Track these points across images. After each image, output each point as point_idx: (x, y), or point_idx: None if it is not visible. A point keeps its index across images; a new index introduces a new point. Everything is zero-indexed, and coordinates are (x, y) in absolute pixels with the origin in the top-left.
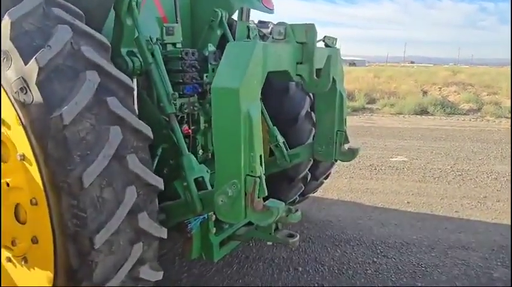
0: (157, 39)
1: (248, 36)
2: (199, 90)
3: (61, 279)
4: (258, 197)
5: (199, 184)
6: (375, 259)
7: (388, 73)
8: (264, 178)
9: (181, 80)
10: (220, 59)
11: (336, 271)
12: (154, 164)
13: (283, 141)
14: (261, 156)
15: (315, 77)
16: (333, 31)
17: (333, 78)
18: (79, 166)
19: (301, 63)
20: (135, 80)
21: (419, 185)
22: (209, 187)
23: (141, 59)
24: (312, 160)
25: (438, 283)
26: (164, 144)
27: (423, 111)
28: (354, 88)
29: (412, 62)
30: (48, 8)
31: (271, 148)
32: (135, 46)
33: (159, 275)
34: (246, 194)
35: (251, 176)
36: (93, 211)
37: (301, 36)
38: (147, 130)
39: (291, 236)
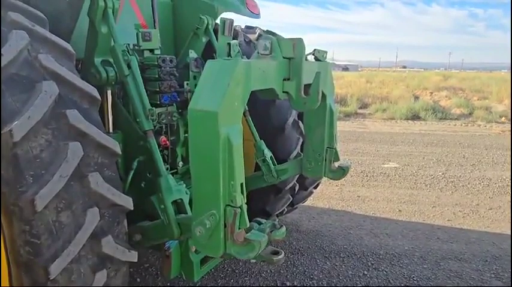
0: (133, 46)
1: (229, 54)
2: (178, 99)
3: None
4: (239, 229)
5: (178, 205)
6: (366, 272)
7: (380, 78)
8: (245, 208)
9: (158, 89)
10: (202, 66)
11: (325, 285)
12: (129, 178)
13: (271, 156)
14: (242, 184)
15: (303, 95)
16: (326, 36)
17: (323, 93)
18: (31, 187)
19: (288, 79)
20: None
21: (411, 192)
22: (189, 210)
23: (116, 69)
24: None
25: None
26: (141, 156)
27: (415, 117)
28: (346, 93)
29: (404, 67)
30: (4, 12)
31: (257, 162)
32: (110, 55)
33: None
34: (225, 225)
35: (231, 206)
36: (48, 237)
37: (288, 51)
38: (114, 145)
39: (276, 253)
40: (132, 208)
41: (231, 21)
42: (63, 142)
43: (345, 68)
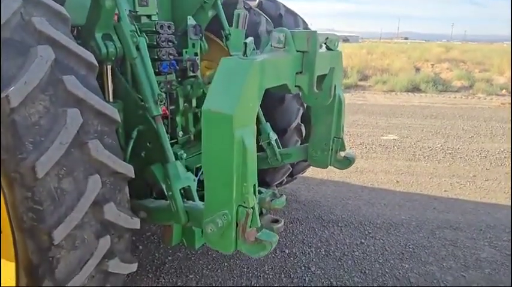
0: (130, 11)
1: (245, 53)
2: (177, 67)
3: (22, 276)
4: (250, 227)
5: (186, 192)
6: (363, 241)
7: (381, 49)
8: (257, 208)
9: (156, 56)
10: (201, 33)
11: (323, 253)
12: (130, 147)
13: (276, 139)
14: (254, 185)
15: (315, 89)
16: (326, 6)
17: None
18: (32, 154)
19: (300, 72)
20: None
21: (409, 163)
22: (196, 197)
23: (116, 45)
24: (300, 141)
25: (425, 264)
26: (140, 126)
27: (415, 89)
28: (347, 65)
29: (406, 38)
30: None
31: (262, 145)
32: (111, 29)
33: (131, 268)
34: (237, 224)
35: (243, 207)
36: (50, 203)
37: (302, 45)
38: (113, 112)
39: (276, 221)
40: (134, 176)
41: (246, 14)
42: (62, 109)
43: (346, 39)
